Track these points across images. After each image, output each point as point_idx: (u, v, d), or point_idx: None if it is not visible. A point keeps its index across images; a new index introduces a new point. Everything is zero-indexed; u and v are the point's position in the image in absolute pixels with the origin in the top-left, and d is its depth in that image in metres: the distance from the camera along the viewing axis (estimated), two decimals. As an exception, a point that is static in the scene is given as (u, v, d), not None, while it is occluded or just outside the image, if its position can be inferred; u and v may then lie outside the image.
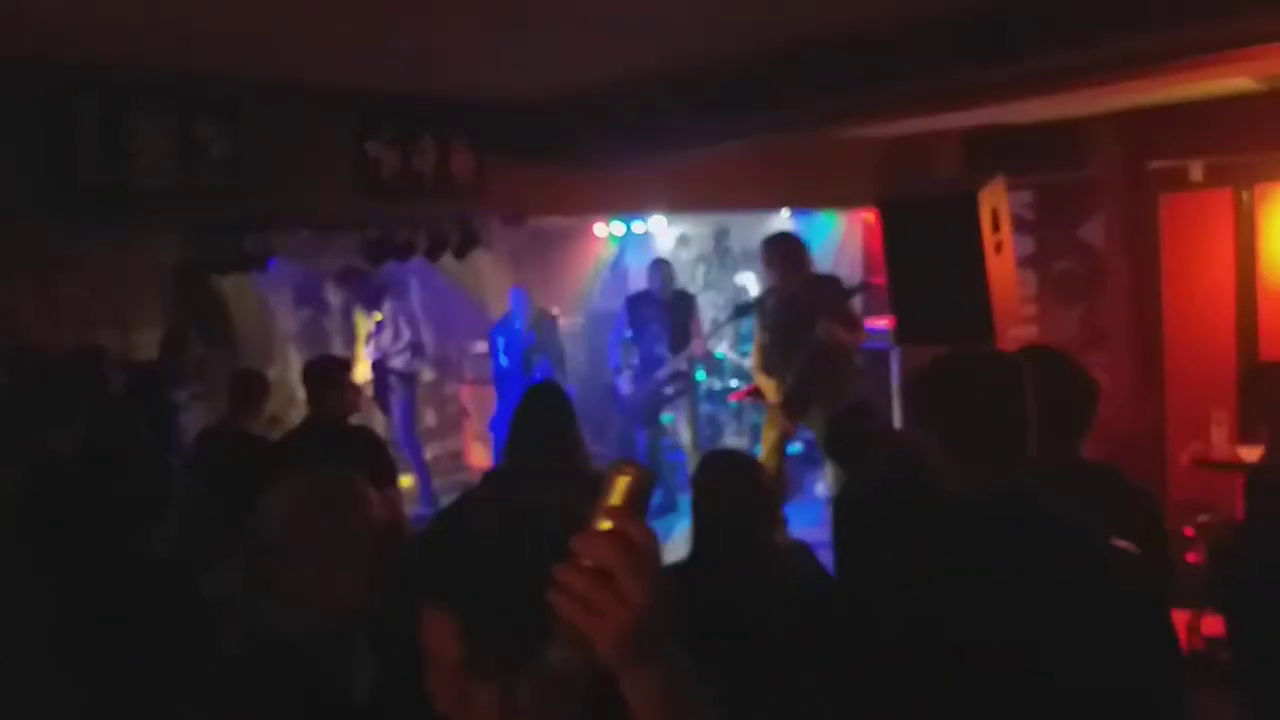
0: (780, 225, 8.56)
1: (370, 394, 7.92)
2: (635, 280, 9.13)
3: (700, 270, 9.67)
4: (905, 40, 4.45)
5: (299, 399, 5.67)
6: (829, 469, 6.09)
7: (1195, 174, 6.85)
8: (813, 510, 6.79)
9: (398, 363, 8.12)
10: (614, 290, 9.53)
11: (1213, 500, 5.69)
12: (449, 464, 9.19)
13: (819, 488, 7.52)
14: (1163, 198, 7.08)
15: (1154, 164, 6.99)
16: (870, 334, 7.25)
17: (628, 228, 8.95)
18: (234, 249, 5.71)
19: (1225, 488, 5.64)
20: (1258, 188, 6.72)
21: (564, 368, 8.38)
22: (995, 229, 4.09)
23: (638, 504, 1.04)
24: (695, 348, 7.72)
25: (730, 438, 8.62)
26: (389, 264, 6.53)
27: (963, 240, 4.02)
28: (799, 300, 6.15)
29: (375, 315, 8.18)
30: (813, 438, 6.89)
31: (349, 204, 5.75)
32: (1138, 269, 7.15)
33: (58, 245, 6.15)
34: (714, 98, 5.36)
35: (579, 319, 9.57)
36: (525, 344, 8.22)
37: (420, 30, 4.34)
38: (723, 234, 9.57)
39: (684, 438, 7.94)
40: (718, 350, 8.61)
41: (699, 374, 8.30)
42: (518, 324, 8.31)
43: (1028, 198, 7.40)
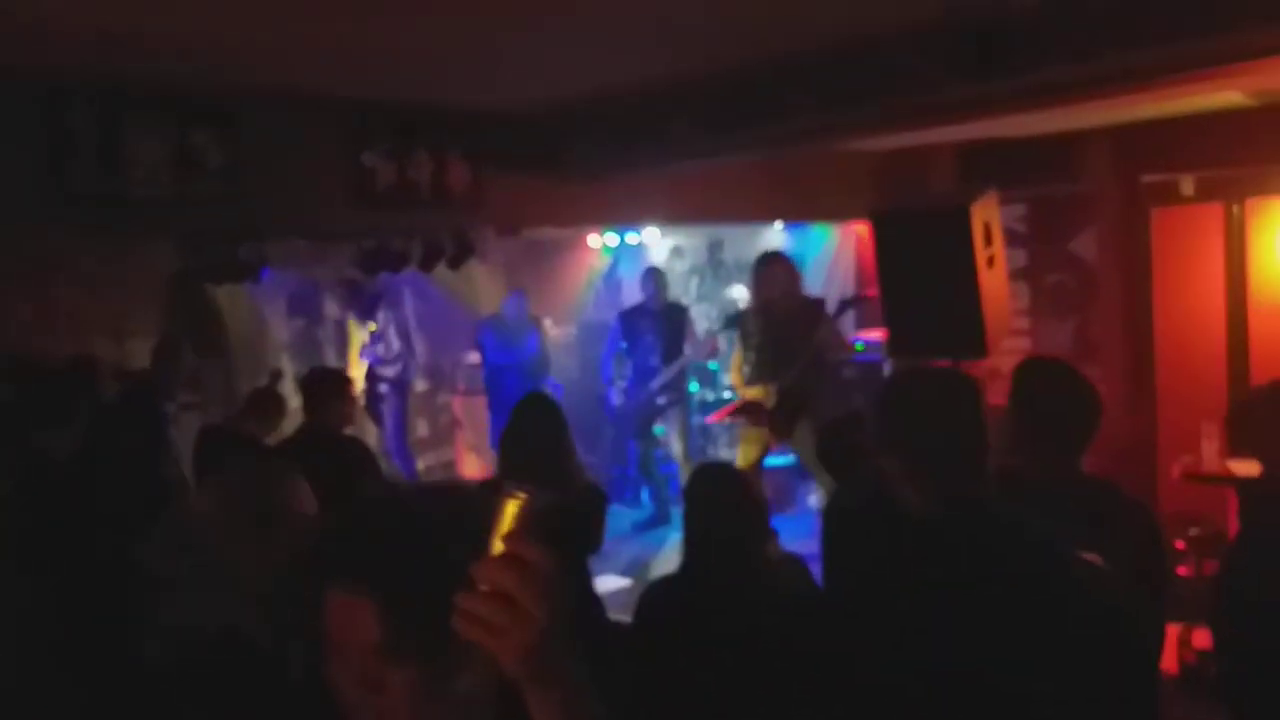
0: (774, 238, 8.60)
1: (362, 404, 7.89)
2: (629, 291, 9.11)
3: (694, 282, 9.65)
4: (897, 54, 4.48)
5: (291, 408, 5.66)
6: (819, 482, 6.08)
7: (1186, 188, 6.88)
8: (805, 522, 6.79)
9: (389, 372, 8.11)
10: (608, 301, 9.51)
11: (1203, 513, 5.71)
12: (441, 475, 9.14)
13: (811, 500, 7.52)
14: (1154, 212, 7.11)
15: (1146, 178, 7.03)
16: (864, 346, 7.27)
17: (621, 239, 8.94)
18: (230, 258, 5.72)
19: (1216, 501, 5.66)
20: (1248, 202, 6.74)
21: (546, 375, 8.30)
22: (988, 243, 4.10)
23: (532, 528, 1.07)
24: (697, 351, 7.72)
25: (723, 449, 8.60)
26: (383, 274, 6.54)
27: (955, 254, 4.03)
28: (791, 316, 6.17)
29: (370, 325, 8.18)
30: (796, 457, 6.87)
31: (345, 214, 5.76)
32: (1129, 282, 7.18)
33: (55, 252, 6.15)
34: (708, 111, 5.39)
35: (572, 329, 9.56)
36: (526, 354, 8.15)
37: (416, 41, 4.36)
38: (716, 246, 9.56)
39: (676, 449, 7.94)
40: (711, 362, 8.60)
41: (692, 385, 8.30)
42: (516, 325, 8.22)
43: (1020, 211, 7.42)
